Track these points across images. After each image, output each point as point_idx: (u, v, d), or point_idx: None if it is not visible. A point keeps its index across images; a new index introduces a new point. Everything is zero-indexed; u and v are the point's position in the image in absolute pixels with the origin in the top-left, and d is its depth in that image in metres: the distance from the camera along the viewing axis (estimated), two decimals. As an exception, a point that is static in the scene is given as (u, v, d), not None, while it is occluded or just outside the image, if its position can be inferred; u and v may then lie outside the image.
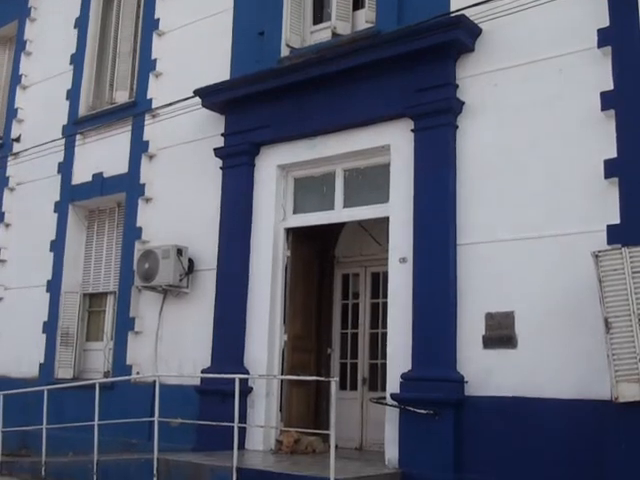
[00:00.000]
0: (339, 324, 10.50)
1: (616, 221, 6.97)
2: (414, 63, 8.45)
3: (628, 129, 7.06)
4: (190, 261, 10.20)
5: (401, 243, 8.33)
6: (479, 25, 8.12)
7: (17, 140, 13.62)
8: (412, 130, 8.43)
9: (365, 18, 9.47)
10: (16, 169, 13.46)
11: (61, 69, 13.07)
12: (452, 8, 8.30)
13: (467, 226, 7.95)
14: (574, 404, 6.92)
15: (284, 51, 9.95)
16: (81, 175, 12.28)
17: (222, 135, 10.21)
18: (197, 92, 10.20)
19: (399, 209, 8.45)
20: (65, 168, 12.55)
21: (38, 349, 12.06)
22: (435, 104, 8.25)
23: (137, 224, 11.14)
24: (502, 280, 7.62)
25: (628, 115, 7.09)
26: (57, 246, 12.33)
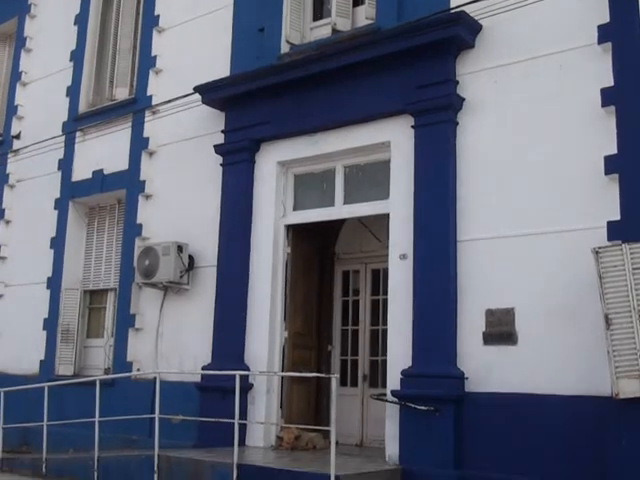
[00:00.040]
0: (339, 321, 10.52)
1: (616, 217, 6.97)
2: (414, 59, 8.44)
3: (628, 125, 7.05)
4: (190, 258, 10.21)
5: (401, 240, 8.33)
6: (479, 21, 8.12)
7: (17, 137, 13.63)
8: (412, 127, 8.43)
9: (365, 14, 9.46)
10: (16, 166, 13.47)
11: (61, 66, 13.08)
12: (452, 4, 8.30)
13: (467, 223, 7.94)
14: (574, 400, 6.92)
15: (284, 48, 9.94)
16: (81, 172, 12.29)
17: (222, 132, 10.21)
18: (197, 89, 10.19)
19: (399, 206, 8.44)
20: (65, 165, 12.56)
21: (38, 346, 12.08)
22: (435, 101, 8.24)
23: (137, 221, 11.14)
24: (502, 276, 7.61)
25: (628, 111, 7.08)
26: (57, 243, 12.34)
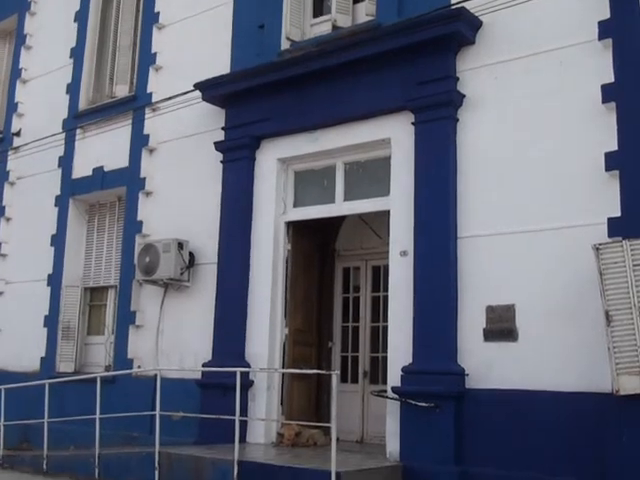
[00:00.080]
0: (340, 317, 10.52)
1: (617, 214, 6.96)
2: (414, 56, 8.43)
3: (629, 121, 7.05)
4: (191, 255, 10.21)
5: (402, 236, 8.33)
6: (480, 17, 8.10)
7: (17, 134, 13.62)
8: (413, 123, 8.42)
9: (365, 11, 9.44)
10: (16, 163, 13.46)
11: (61, 63, 13.07)
12: (452, 0, 8.28)
13: (468, 219, 7.94)
14: (575, 397, 6.92)
15: (284, 44, 9.92)
16: (81, 169, 12.28)
17: (222, 129, 10.20)
18: (197, 86, 10.17)
19: (400, 202, 8.44)
20: (65, 162, 12.55)
21: (39, 343, 12.08)
22: (436, 97, 8.23)
23: (138, 218, 11.14)
24: (503, 273, 7.61)
25: (629, 107, 7.07)
26: (58, 240, 12.34)
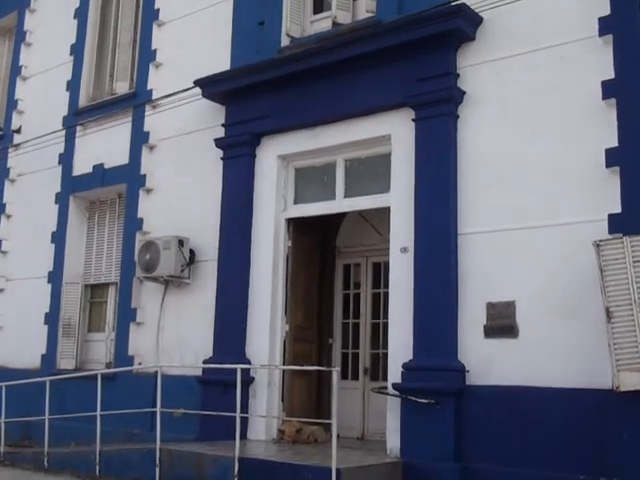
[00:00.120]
0: (340, 314, 10.52)
1: (617, 210, 6.96)
2: (415, 52, 8.42)
3: (629, 118, 7.04)
4: (191, 252, 10.21)
5: (402, 233, 8.33)
6: (480, 14, 8.09)
7: (17, 131, 13.62)
8: (413, 120, 8.41)
9: (365, 7, 9.43)
10: (17, 160, 13.46)
11: (61, 60, 13.06)
12: (453, -3, 8.29)
13: (468, 216, 7.93)
14: (575, 393, 6.93)
15: (284, 41, 9.92)
16: (82, 166, 12.28)
17: (223, 125, 10.19)
18: (197, 82, 10.17)
19: (400, 199, 8.43)
20: (66, 159, 12.55)
21: (40, 340, 12.09)
22: (436, 93, 8.22)
23: (138, 215, 11.15)
24: (503, 270, 7.61)
25: (629, 104, 7.06)
26: (58, 237, 12.34)
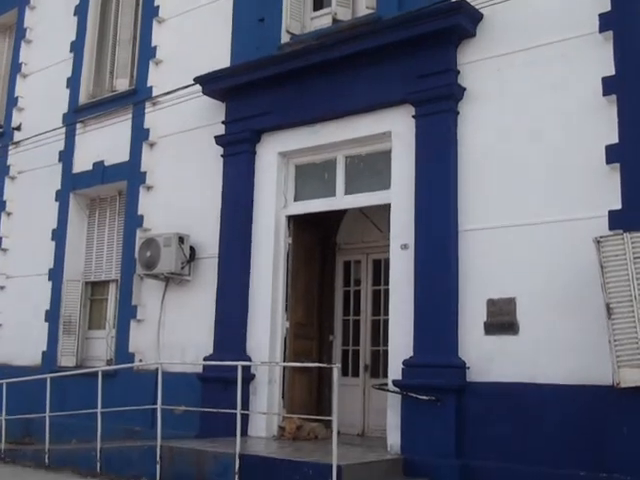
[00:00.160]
0: (341, 311, 10.52)
1: (617, 207, 6.96)
2: (415, 49, 8.41)
3: (630, 114, 7.04)
4: (192, 249, 10.21)
5: (402, 230, 8.32)
6: (480, 10, 8.08)
7: (18, 129, 13.61)
8: (413, 116, 8.40)
9: (366, 4, 9.43)
10: (17, 158, 13.46)
11: (61, 57, 13.06)
12: (453, -7, 8.27)
13: (468, 212, 7.93)
14: (576, 390, 6.93)
15: (284, 38, 9.91)
16: (82, 163, 12.28)
17: (223, 123, 10.19)
18: (197, 79, 10.16)
19: (400, 196, 8.43)
20: (66, 157, 12.55)
21: (41, 337, 12.10)
22: (436, 90, 8.22)
23: (138, 212, 11.15)
24: (504, 266, 7.61)
25: (630, 100, 7.06)
26: (59, 234, 12.35)
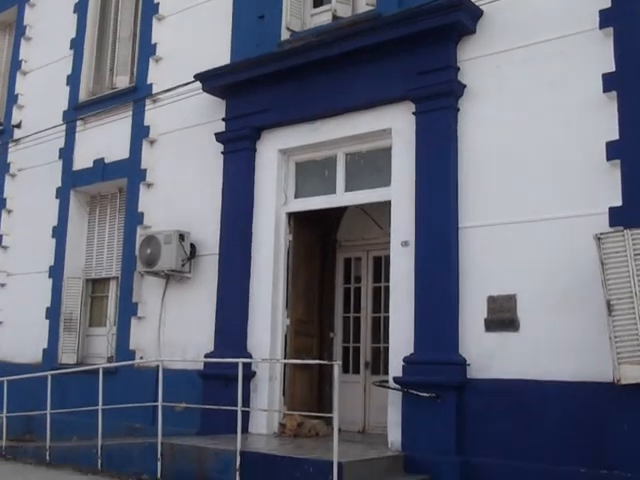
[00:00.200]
0: (341, 308, 10.53)
1: (618, 203, 6.95)
2: (415, 46, 8.40)
3: (630, 111, 7.03)
4: (192, 246, 10.21)
5: (403, 227, 8.32)
6: (480, 7, 8.07)
7: (18, 126, 13.60)
8: (413, 113, 8.40)
9: (366, 0, 9.40)
10: (17, 155, 13.46)
11: (61, 54, 13.04)
12: (453, -10, 8.25)
13: (469, 209, 7.93)
14: (576, 386, 6.94)
15: (284, 34, 9.90)
16: (82, 161, 12.27)
17: (223, 120, 10.18)
18: (198, 76, 10.15)
19: (401, 192, 8.43)
20: (66, 154, 12.54)
21: (41, 335, 12.10)
22: (436, 87, 8.21)
23: (139, 209, 11.15)
24: (504, 263, 7.61)
25: (630, 97, 7.05)
26: (59, 232, 12.34)
